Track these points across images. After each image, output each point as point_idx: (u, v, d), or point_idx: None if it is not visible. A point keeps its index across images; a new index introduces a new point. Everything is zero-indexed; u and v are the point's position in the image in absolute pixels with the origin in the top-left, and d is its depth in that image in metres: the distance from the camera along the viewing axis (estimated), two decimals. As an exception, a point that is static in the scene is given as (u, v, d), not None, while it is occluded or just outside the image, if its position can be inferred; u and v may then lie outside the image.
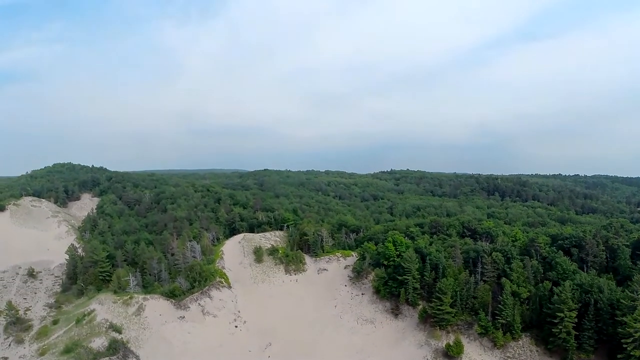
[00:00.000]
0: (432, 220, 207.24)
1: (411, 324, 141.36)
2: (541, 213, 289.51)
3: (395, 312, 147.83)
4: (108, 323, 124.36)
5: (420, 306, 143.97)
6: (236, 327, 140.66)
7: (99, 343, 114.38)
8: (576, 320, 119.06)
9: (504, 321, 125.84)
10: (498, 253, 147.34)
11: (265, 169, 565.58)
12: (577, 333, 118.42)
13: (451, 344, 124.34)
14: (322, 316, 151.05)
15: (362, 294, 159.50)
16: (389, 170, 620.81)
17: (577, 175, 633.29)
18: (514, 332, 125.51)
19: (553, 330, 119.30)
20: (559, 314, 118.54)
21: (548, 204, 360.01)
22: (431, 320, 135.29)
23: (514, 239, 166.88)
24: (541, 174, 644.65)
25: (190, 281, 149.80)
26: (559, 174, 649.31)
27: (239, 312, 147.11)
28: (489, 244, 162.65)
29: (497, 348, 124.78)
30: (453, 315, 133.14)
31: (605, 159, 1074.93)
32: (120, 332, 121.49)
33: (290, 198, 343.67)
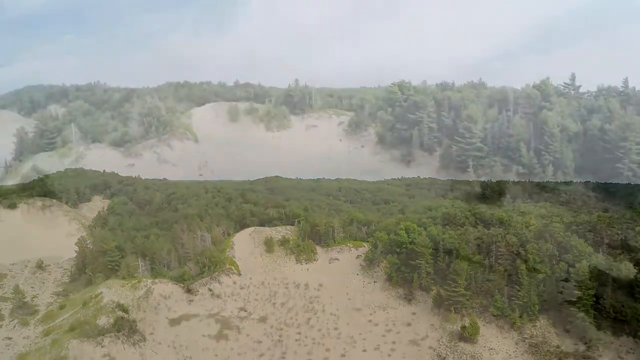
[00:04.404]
0: (444, 213, 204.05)
1: (425, 308, 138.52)
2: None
3: (409, 298, 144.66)
4: (115, 304, 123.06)
5: (434, 291, 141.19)
6: (245, 311, 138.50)
7: (104, 321, 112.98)
8: (594, 299, 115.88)
9: (520, 302, 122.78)
10: (512, 236, 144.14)
11: (276, 176, 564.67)
12: (596, 313, 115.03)
13: (467, 325, 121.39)
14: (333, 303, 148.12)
15: (375, 282, 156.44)
16: (399, 177, 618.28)
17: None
18: (531, 313, 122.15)
19: (571, 309, 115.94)
20: (576, 293, 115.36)
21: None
22: (445, 304, 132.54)
23: (527, 225, 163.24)
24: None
25: (199, 266, 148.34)
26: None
27: (249, 297, 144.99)
28: (503, 229, 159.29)
29: (514, 330, 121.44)
30: (468, 298, 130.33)
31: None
32: (126, 312, 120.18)
33: (301, 201, 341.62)
